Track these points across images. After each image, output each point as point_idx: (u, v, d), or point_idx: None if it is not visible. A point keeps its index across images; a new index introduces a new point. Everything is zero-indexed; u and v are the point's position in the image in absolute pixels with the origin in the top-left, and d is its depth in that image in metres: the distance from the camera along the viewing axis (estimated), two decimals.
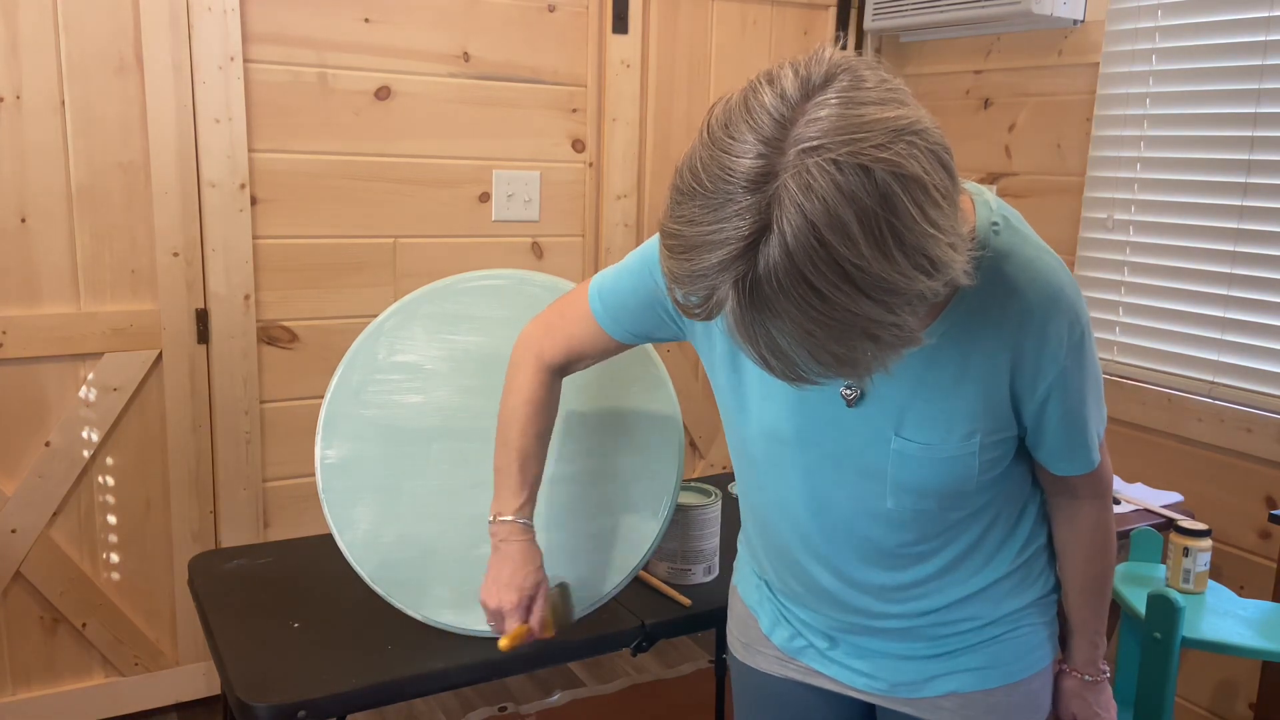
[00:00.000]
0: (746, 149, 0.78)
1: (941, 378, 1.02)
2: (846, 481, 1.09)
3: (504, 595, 1.27)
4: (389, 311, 1.50)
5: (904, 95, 0.81)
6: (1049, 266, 0.99)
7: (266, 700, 1.31)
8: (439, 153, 2.50)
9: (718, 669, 2.22)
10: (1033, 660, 1.17)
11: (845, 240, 0.76)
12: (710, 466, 3.01)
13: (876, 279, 0.77)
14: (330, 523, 1.45)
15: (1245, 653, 1.60)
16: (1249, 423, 2.15)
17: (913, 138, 0.78)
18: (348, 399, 1.48)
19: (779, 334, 0.80)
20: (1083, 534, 1.16)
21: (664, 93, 2.74)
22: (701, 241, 0.79)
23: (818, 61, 0.82)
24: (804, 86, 0.80)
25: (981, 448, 1.04)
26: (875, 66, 0.83)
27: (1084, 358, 1.02)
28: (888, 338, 0.82)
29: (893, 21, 2.77)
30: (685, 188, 0.81)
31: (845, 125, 0.77)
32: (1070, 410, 1.04)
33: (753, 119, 0.79)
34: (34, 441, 2.20)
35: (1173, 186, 2.30)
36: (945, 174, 0.81)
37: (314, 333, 2.44)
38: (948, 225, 0.81)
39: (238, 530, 2.42)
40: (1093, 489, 1.14)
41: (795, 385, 0.86)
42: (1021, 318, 0.98)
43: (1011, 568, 1.14)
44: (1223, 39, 2.19)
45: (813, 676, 1.24)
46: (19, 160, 2.09)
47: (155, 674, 2.41)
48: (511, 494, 1.30)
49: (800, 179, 0.76)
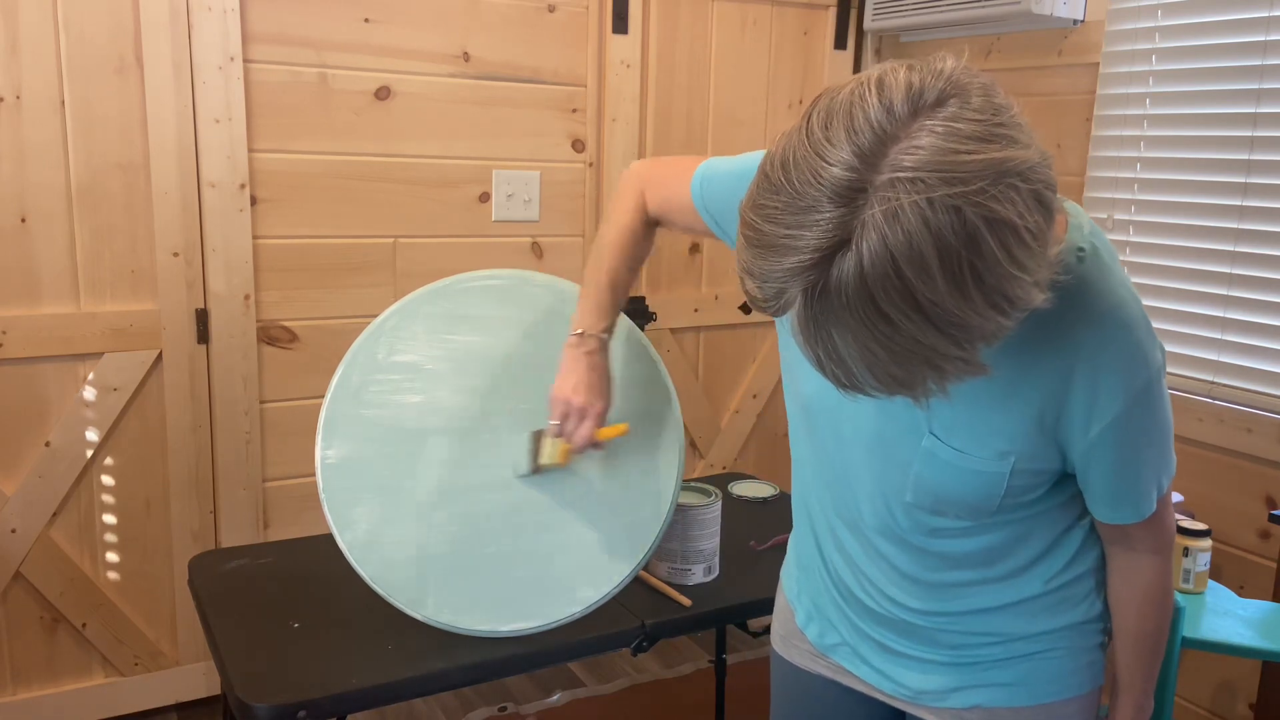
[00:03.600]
0: (841, 158, 0.76)
1: (991, 389, 0.98)
2: (875, 462, 1.08)
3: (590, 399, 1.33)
4: (389, 311, 1.50)
5: (1014, 129, 0.78)
6: (1122, 303, 0.94)
7: (266, 700, 1.31)
8: (439, 153, 2.50)
9: (718, 669, 2.22)
10: (1066, 685, 1.13)
11: (922, 275, 0.75)
12: (710, 466, 3.01)
13: (949, 315, 0.76)
14: (330, 523, 1.45)
15: (1245, 653, 1.60)
16: (1249, 423, 2.15)
17: (1014, 179, 0.76)
18: (348, 399, 1.48)
19: (842, 345, 0.79)
20: (1137, 589, 1.10)
21: (664, 93, 2.74)
22: (778, 243, 0.78)
23: (935, 75, 0.79)
24: (913, 102, 0.77)
25: (1013, 472, 1.00)
26: (991, 91, 0.79)
27: (1149, 407, 0.97)
28: (951, 369, 0.81)
29: (893, 21, 2.77)
30: (774, 180, 0.79)
31: (944, 162, 0.74)
32: (1123, 459, 0.99)
33: (854, 127, 0.76)
34: (34, 441, 2.20)
35: (1173, 186, 2.30)
36: (1042, 213, 0.78)
37: (314, 333, 2.44)
38: (1034, 265, 0.79)
39: (238, 530, 2.42)
40: (1151, 543, 1.07)
41: (847, 394, 0.84)
42: (1083, 350, 0.94)
43: (1047, 588, 1.10)
44: (1223, 39, 2.19)
45: (843, 675, 1.24)
46: (19, 160, 2.09)
47: (155, 674, 2.41)
48: (598, 312, 1.34)
49: (889, 207, 0.74)
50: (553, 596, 1.48)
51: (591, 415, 1.36)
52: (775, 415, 3.11)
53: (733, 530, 1.91)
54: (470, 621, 1.46)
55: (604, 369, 1.36)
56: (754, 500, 2.08)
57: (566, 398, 1.35)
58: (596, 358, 1.35)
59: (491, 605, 1.47)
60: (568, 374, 1.36)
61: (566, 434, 1.38)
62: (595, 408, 1.36)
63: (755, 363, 3.03)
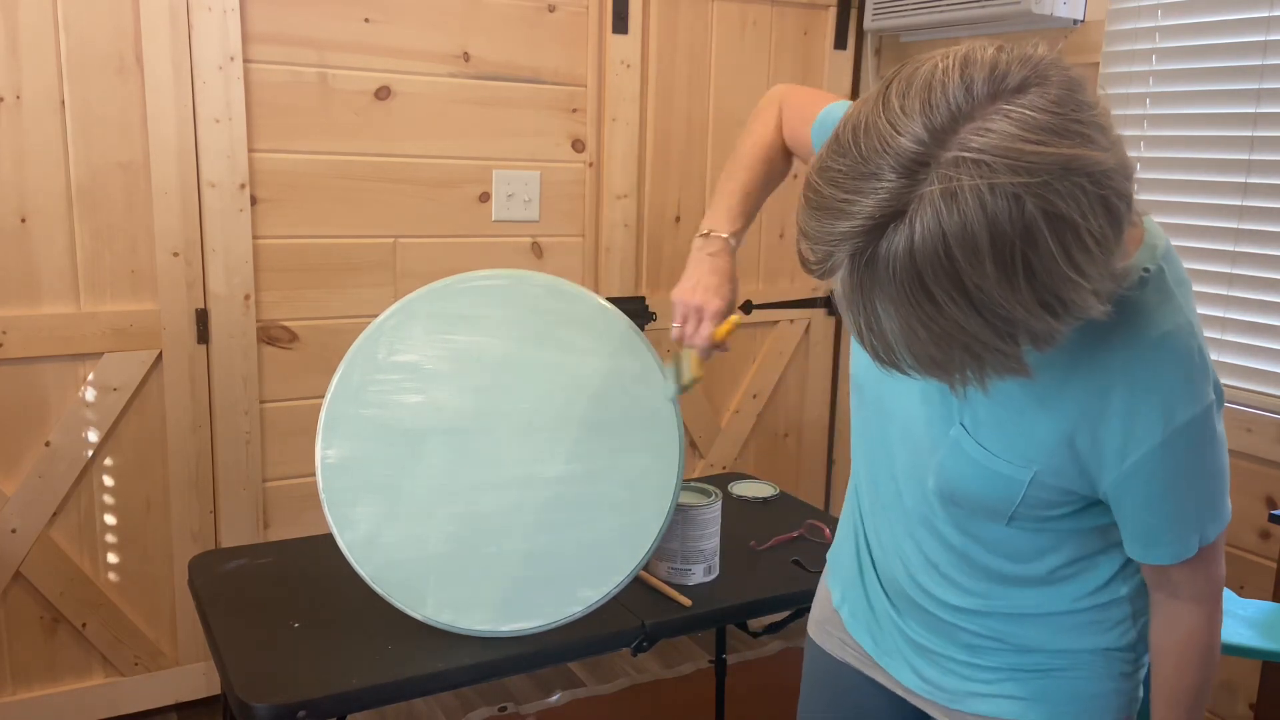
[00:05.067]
0: (912, 129, 0.75)
1: (1028, 394, 0.96)
2: (909, 442, 1.09)
3: (708, 298, 1.29)
4: (389, 311, 1.50)
5: (1093, 129, 0.77)
6: (1175, 331, 0.90)
7: (266, 700, 1.31)
8: (439, 153, 2.50)
9: (718, 669, 2.22)
10: (1087, 709, 1.09)
11: (972, 259, 0.74)
12: (710, 466, 3.01)
13: (995, 304, 0.76)
14: (330, 523, 1.45)
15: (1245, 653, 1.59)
16: (1249, 423, 2.15)
17: (1082, 179, 0.74)
18: (348, 399, 1.48)
19: (885, 318, 0.79)
20: (1177, 639, 1.03)
21: (664, 93, 2.74)
22: (834, 206, 0.78)
23: (1021, 61, 0.77)
24: (995, 84, 0.76)
25: (1033, 483, 0.98)
26: (1076, 86, 0.78)
27: (1193, 446, 0.92)
28: (991, 360, 0.80)
29: (893, 21, 2.77)
30: (844, 141, 0.79)
31: (1012, 149, 0.73)
32: (1158, 495, 0.95)
33: (931, 100, 0.76)
34: (34, 441, 2.20)
35: (1173, 186, 2.30)
36: (1109, 220, 0.77)
37: (314, 333, 2.44)
38: (1096, 272, 0.77)
39: (238, 530, 2.42)
40: (1194, 590, 1.01)
41: (884, 369, 0.84)
42: (1125, 373, 0.91)
43: (1075, 606, 1.07)
44: (1223, 39, 2.19)
45: (870, 667, 1.24)
46: (19, 160, 2.09)
47: (155, 674, 2.41)
48: (729, 215, 1.32)
49: (948, 186, 0.73)
50: (553, 596, 1.49)
51: (708, 315, 1.31)
52: (775, 415, 3.11)
53: (733, 530, 1.91)
54: (470, 621, 1.46)
55: (725, 270, 1.31)
56: (754, 500, 2.08)
57: (684, 298, 1.30)
58: (719, 259, 1.31)
59: (491, 605, 1.47)
60: (689, 274, 1.32)
61: (687, 337, 1.33)
62: (711, 306, 1.30)
63: (755, 363, 3.03)
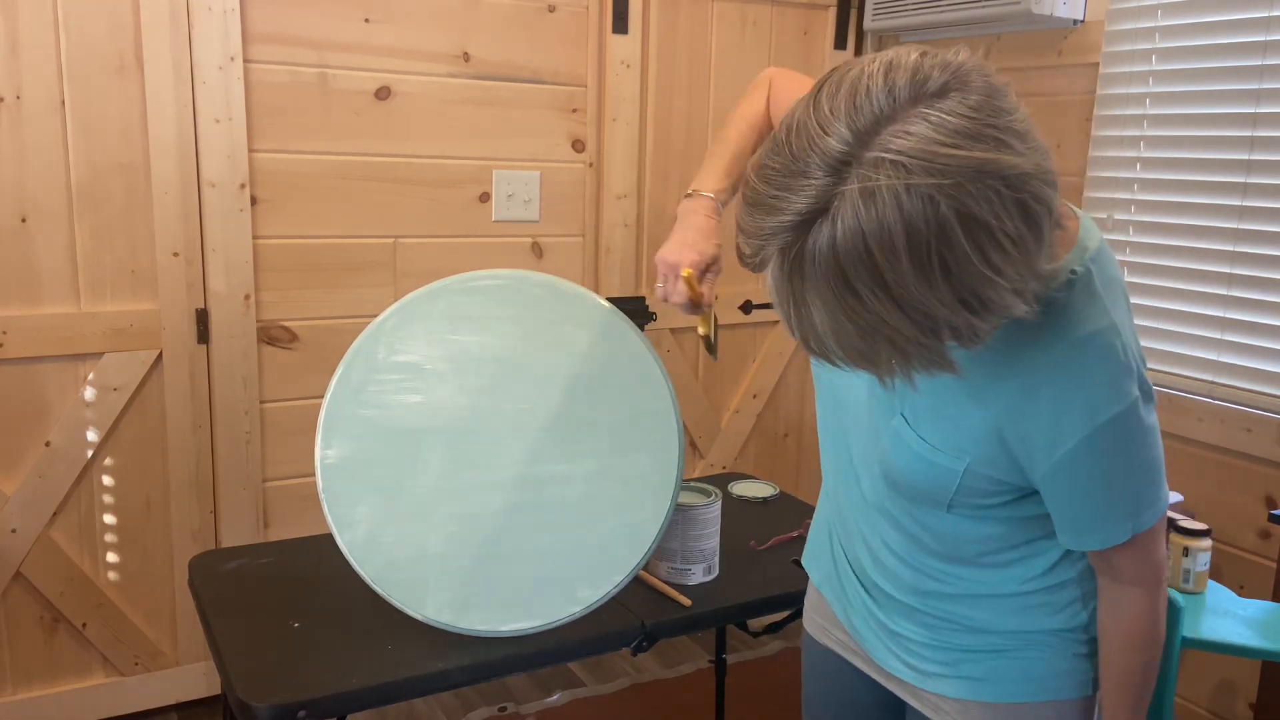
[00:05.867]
0: (839, 130, 0.78)
1: (962, 388, 1.00)
2: (858, 431, 1.13)
3: (684, 254, 1.28)
4: (389, 311, 1.50)
5: (1009, 135, 0.79)
6: (1101, 331, 0.93)
7: (266, 700, 1.31)
8: (439, 153, 2.50)
9: (718, 669, 2.22)
10: (1040, 687, 1.12)
11: (890, 255, 0.76)
12: (710, 466, 3.01)
13: (915, 300, 0.78)
14: (330, 523, 1.45)
15: (1245, 653, 1.60)
16: (1249, 423, 2.15)
17: (996, 182, 0.77)
18: (348, 399, 1.48)
19: (813, 310, 0.82)
20: (1121, 622, 1.06)
21: (664, 93, 2.74)
22: (766, 202, 0.81)
23: (942, 66, 0.80)
24: (917, 88, 0.79)
25: (967, 473, 1.02)
26: (996, 93, 0.80)
27: (1119, 441, 0.95)
28: (916, 354, 0.82)
29: (893, 21, 2.77)
30: (779, 141, 0.82)
31: (929, 152, 0.76)
32: (1086, 488, 0.98)
33: (855, 102, 0.79)
34: (34, 441, 2.20)
35: (1173, 186, 2.30)
36: (1026, 223, 0.79)
37: (314, 333, 2.44)
38: (1014, 272, 0.80)
39: (238, 530, 2.42)
40: (1136, 574, 1.04)
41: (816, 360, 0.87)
42: (1051, 372, 0.94)
43: (1022, 589, 1.10)
44: (1223, 39, 2.19)
45: (851, 654, 1.28)
46: (19, 160, 2.09)
47: (155, 674, 2.41)
48: (715, 176, 1.32)
49: (866, 185, 0.76)
50: (553, 596, 1.49)
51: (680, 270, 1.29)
52: (775, 415, 3.11)
53: (733, 530, 1.91)
54: (470, 621, 1.46)
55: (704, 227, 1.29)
56: (754, 500, 2.08)
57: (663, 256, 1.29)
58: (699, 216, 1.30)
59: (491, 605, 1.47)
60: (672, 234, 1.31)
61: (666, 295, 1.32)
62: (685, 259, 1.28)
63: (755, 363, 3.03)
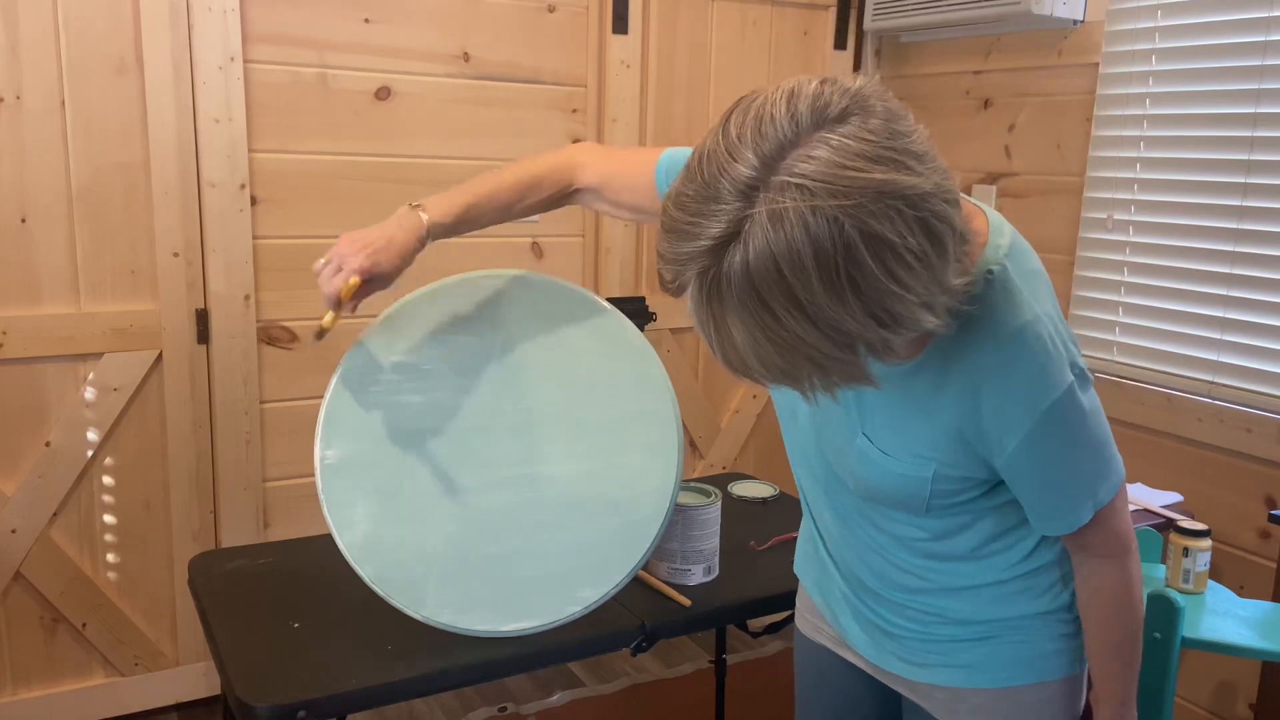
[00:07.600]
0: (746, 156, 0.81)
1: (915, 399, 1.03)
2: (826, 449, 1.16)
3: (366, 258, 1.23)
4: (389, 311, 1.50)
5: (908, 156, 0.81)
6: (1025, 325, 0.97)
7: (266, 700, 1.31)
8: (439, 153, 2.50)
9: (718, 669, 2.22)
10: (1031, 670, 1.14)
11: (800, 275, 0.79)
12: (710, 466, 3.01)
13: (828, 316, 0.81)
14: (330, 523, 1.45)
15: (1245, 653, 1.60)
16: (1249, 423, 2.15)
17: (897, 202, 0.79)
18: (347, 399, 1.48)
19: (733, 330, 0.84)
20: (1098, 594, 1.10)
21: (664, 93, 2.74)
22: (682, 229, 0.83)
23: (842, 92, 0.83)
24: (818, 114, 0.81)
25: (935, 477, 1.05)
26: (894, 116, 0.83)
27: (1062, 426, 0.99)
28: (835, 369, 0.85)
29: (893, 22, 2.77)
30: (692, 169, 0.84)
31: (832, 175, 0.79)
32: (1043, 475, 1.02)
33: (761, 129, 0.81)
34: (34, 441, 2.20)
35: (1173, 186, 2.30)
36: (930, 240, 0.82)
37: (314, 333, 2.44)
38: (922, 287, 0.82)
39: (238, 530, 2.42)
40: (1104, 548, 1.08)
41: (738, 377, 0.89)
42: (986, 371, 0.98)
43: (1004, 576, 1.13)
44: (1223, 39, 2.19)
45: (841, 648, 1.30)
46: (19, 160, 2.09)
47: (155, 674, 2.41)
48: (447, 208, 1.31)
49: (774, 208, 0.79)
50: (553, 596, 1.49)
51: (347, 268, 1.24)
52: (775, 415, 3.11)
53: (732, 530, 1.91)
54: (470, 621, 1.46)
55: (399, 245, 1.26)
56: (754, 500, 2.08)
57: (343, 244, 1.24)
58: (402, 234, 1.27)
59: (491, 605, 1.47)
60: (372, 229, 1.27)
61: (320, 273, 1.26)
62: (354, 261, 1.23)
63: None
